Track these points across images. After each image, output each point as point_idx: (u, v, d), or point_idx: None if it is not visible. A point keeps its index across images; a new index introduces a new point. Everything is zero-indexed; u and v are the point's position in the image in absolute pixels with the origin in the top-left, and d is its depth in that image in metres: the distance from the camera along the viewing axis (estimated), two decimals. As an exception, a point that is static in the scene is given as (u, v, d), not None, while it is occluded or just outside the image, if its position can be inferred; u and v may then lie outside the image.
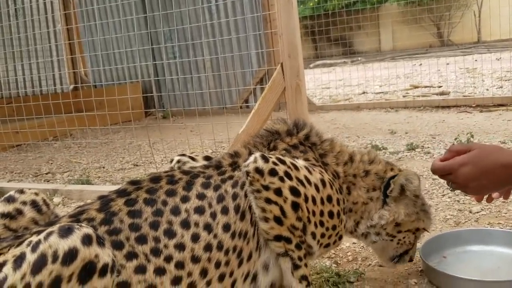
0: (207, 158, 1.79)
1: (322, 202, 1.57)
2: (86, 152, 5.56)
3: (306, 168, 1.58)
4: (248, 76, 7.48)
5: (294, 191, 1.48)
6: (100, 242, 1.19)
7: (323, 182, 1.59)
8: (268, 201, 1.46)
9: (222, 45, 7.49)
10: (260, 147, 1.73)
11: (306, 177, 1.54)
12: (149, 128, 5.52)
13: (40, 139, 5.93)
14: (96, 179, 4.20)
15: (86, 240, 1.15)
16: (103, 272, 1.16)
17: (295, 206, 1.49)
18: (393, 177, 1.75)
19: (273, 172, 1.47)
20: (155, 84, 8.36)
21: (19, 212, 1.51)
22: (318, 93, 8.87)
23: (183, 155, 1.78)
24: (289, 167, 1.51)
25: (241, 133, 2.97)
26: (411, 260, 1.88)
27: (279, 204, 1.46)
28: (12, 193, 1.57)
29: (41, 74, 8.15)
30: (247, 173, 1.47)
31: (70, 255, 1.12)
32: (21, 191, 1.57)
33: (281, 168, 1.49)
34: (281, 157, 1.55)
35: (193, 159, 1.76)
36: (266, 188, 1.46)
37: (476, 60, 11.01)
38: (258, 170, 1.46)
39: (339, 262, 2.15)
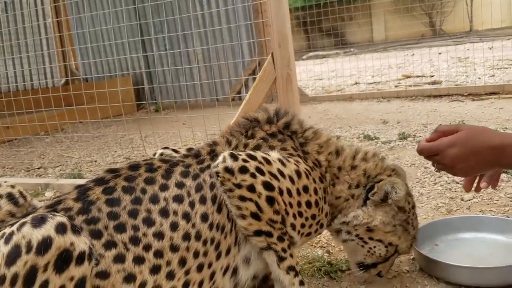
0: (189, 150, 1.75)
1: (299, 193, 1.54)
2: (77, 146, 5.52)
3: (280, 160, 1.55)
4: (240, 68, 7.45)
5: (267, 186, 1.46)
6: (75, 230, 1.17)
7: (298, 173, 1.56)
8: (242, 198, 1.43)
9: (213, 36, 7.45)
10: (237, 135, 1.70)
11: (279, 170, 1.51)
12: (141, 122, 5.49)
13: (31, 134, 5.89)
14: (88, 173, 4.17)
15: (60, 229, 1.13)
16: (80, 260, 1.15)
17: (271, 201, 1.46)
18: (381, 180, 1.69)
19: (243, 170, 1.44)
20: (146, 76, 8.30)
21: None
22: (310, 84, 8.86)
23: (166, 148, 1.75)
24: (260, 162, 1.48)
25: (232, 124, 2.95)
26: (380, 275, 1.78)
27: (254, 200, 1.44)
28: None
29: (31, 68, 8.07)
30: (217, 173, 1.44)
31: (44, 245, 1.10)
32: None
33: (251, 164, 1.46)
34: (251, 152, 1.52)
35: (176, 151, 1.72)
36: (238, 186, 1.43)
37: (468, 49, 11.02)
38: (228, 170, 1.43)
39: (331, 251, 2.15)
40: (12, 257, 1.08)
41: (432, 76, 7.58)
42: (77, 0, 6.86)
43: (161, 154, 1.73)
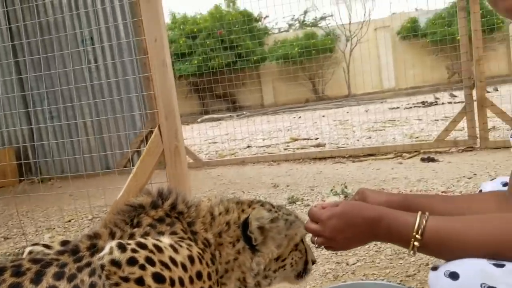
0: (64, 243, 1.57)
1: (191, 281, 1.47)
2: None
3: (172, 246, 1.48)
4: (132, 137, 7.34)
5: (157, 278, 1.38)
6: None
7: (191, 258, 1.50)
8: None
9: (104, 106, 7.30)
10: (122, 225, 1.59)
11: (171, 258, 1.44)
12: (24, 195, 5.08)
13: None
14: (-45, 259, 3.71)
15: None
16: None
17: None
18: (245, 223, 1.68)
19: (132, 261, 1.35)
20: (31, 148, 7.80)
21: None
22: (205, 148, 8.96)
23: (36, 244, 1.56)
24: (151, 251, 1.41)
25: (119, 199, 2.85)
26: (314, 262, 1.84)
27: None
28: None
29: None
30: (102, 266, 1.34)
31: None
32: None
33: (141, 255, 1.38)
34: (142, 240, 1.44)
35: (48, 247, 1.54)
36: (126, 279, 1.34)
37: (347, 112, 12.01)
38: (115, 262, 1.33)
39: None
40: None
41: (317, 138, 8.07)
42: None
43: (30, 253, 1.55)
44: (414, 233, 1.29)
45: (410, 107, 11.97)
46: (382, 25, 18.88)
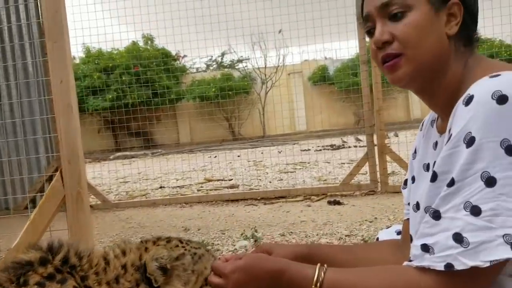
0: None
1: None
2: None
3: None
4: (35, 177, 6.91)
5: None
6: None
7: None
8: None
9: (7, 144, 6.84)
10: (7, 285, 1.45)
11: None
12: None
13: None
14: None
15: None
16: None
17: None
18: (144, 266, 1.57)
19: None
20: None
21: None
22: (115, 188, 8.64)
23: None
24: None
25: (13, 248, 2.66)
26: None
27: None
28: None
29: None
30: None
31: None
32: None
33: None
34: None
35: None
36: None
37: (262, 153, 12.28)
38: None
39: None
40: None
41: (231, 180, 8.12)
42: None
43: None
44: (313, 286, 1.32)
45: (320, 150, 12.51)
46: (295, 71, 19.88)
